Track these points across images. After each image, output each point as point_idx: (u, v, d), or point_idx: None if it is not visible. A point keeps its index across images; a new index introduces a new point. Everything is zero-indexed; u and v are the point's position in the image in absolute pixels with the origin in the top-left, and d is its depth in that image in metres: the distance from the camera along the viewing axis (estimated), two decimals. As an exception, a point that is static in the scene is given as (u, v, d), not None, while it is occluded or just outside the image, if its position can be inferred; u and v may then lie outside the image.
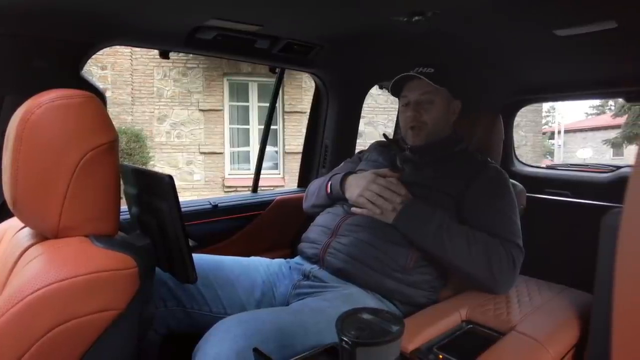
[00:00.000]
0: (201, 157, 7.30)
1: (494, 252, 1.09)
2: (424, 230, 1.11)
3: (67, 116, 0.66)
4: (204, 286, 1.08)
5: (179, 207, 0.74)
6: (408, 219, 1.14)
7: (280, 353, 0.83)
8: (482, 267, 1.09)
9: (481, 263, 1.09)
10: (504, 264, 1.09)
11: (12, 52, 1.10)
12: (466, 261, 1.09)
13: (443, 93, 1.28)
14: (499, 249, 1.10)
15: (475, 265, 1.09)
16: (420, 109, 1.28)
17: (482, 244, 1.10)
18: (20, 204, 0.66)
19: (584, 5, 1.11)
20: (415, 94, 1.29)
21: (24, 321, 0.57)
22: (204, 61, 7.11)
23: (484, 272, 1.09)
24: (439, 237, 1.10)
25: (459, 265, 1.11)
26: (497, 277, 1.10)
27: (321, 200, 1.36)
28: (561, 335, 0.99)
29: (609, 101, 21.46)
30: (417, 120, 1.28)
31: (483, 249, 1.09)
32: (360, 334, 0.57)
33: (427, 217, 1.13)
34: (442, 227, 1.11)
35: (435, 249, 1.11)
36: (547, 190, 2.07)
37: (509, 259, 1.10)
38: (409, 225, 1.13)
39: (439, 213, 1.14)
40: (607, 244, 0.81)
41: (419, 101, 1.28)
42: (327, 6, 1.16)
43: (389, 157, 1.36)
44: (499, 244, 1.10)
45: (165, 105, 7.13)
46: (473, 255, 1.09)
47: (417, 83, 1.28)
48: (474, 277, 1.11)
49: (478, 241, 1.10)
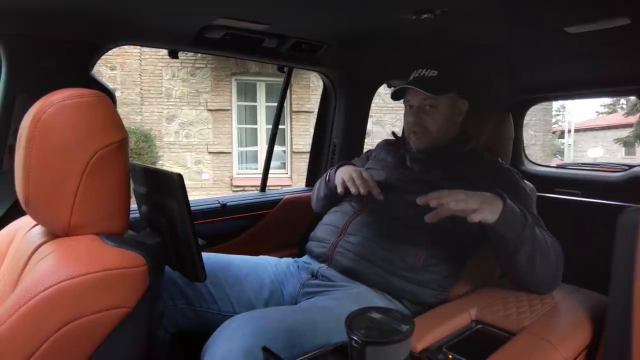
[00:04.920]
0: (209, 157, 7.33)
1: (558, 250, 1.04)
2: (523, 228, 0.98)
3: (78, 115, 0.66)
4: (212, 285, 1.09)
5: (188, 205, 0.74)
6: (510, 217, 0.98)
7: (289, 352, 0.83)
8: (555, 269, 1.04)
9: (555, 265, 1.03)
10: (561, 262, 1.05)
11: (22, 52, 1.11)
12: (546, 265, 1.01)
13: (447, 96, 1.25)
14: (557, 246, 1.05)
15: (551, 268, 1.03)
16: (422, 114, 1.25)
17: (553, 243, 1.03)
18: (32, 202, 0.67)
19: (596, 2, 1.09)
20: (418, 99, 1.26)
21: (36, 318, 0.57)
22: (212, 61, 7.14)
23: (554, 274, 1.04)
24: (532, 237, 0.99)
25: (540, 268, 1.01)
26: (559, 275, 1.05)
27: (322, 192, 1.38)
28: (573, 337, 0.98)
29: (620, 99, 21.20)
30: (419, 125, 1.25)
31: (556, 249, 1.03)
32: (370, 333, 0.57)
33: (521, 212, 1.00)
34: (532, 224, 1.00)
35: (526, 251, 0.99)
36: (558, 190, 2.04)
37: (562, 257, 1.06)
38: (511, 225, 0.98)
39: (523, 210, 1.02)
40: (625, 243, 0.80)
41: (422, 106, 1.25)
42: (334, 5, 1.16)
43: (398, 156, 1.35)
44: (554, 244, 1.05)
45: (174, 105, 7.17)
46: (551, 256, 1.01)
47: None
48: (544, 282, 1.05)
49: (550, 241, 1.03)
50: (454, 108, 1.28)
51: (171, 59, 1.46)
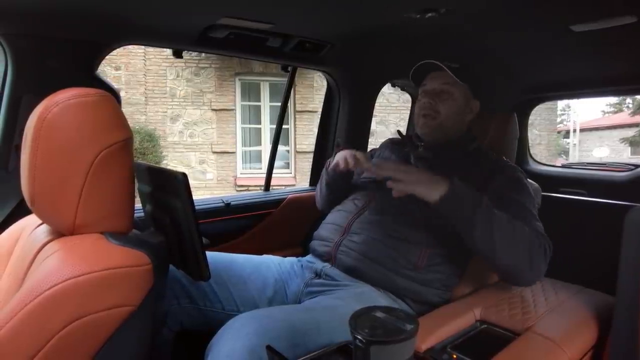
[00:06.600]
0: (213, 157, 7.34)
1: (534, 240, 1.03)
2: (473, 211, 1.00)
3: (83, 114, 0.66)
4: (216, 284, 1.09)
5: (192, 204, 0.75)
6: (456, 196, 1.01)
7: (293, 351, 0.83)
8: (524, 254, 1.02)
9: (524, 250, 1.02)
10: (540, 253, 1.03)
11: (28, 52, 1.12)
12: (510, 247, 1.01)
13: (463, 89, 1.26)
14: (537, 238, 1.04)
15: (518, 252, 1.01)
16: (437, 98, 1.26)
17: (522, 228, 1.03)
18: (38, 201, 0.68)
19: (603, 0, 1.08)
20: (436, 83, 1.26)
21: (41, 316, 0.57)
22: (216, 61, 7.16)
23: (524, 260, 1.02)
24: (487, 219, 0.99)
25: (501, 251, 1.01)
26: (535, 266, 1.03)
27: (323, 181, 1.41)
28: (579, 337, 0.97)
29: (626, 99, 21.04)
30: (431, 108, 1.25)
31: (526, 235, 1.03)
32: (374, 333, 0.57)
33: (474, 196, 1.02)
34: (489, 207, 1.01)
35: (482, 234, 1.00)
36: (563, 190, 2.03)
37: (544, 249, 1.04)
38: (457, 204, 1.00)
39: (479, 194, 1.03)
40: (632, 242, 0.79)
41: (438, 90, 1.26)
42: (338, 4, 1.16)
43: (402, 154, 1.35)
44: (534, 234, 1.05)
45: (178, 105, 7.19)
46: (517, 240, 1.01)
47: (439, 73, 1.26)
48: (513, 265, 1.03)
49: (519, 226, 1.03)
50: (467, 104, 1.29)
51: (175, 59, 1.47)
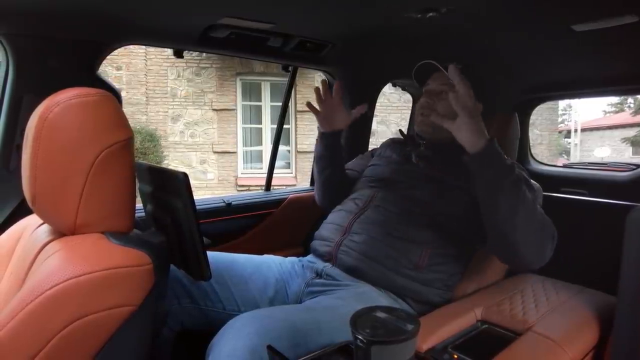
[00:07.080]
0: (214, 157, 7.35)
1: (547, 223, 1.02)
2: (504, 175, 0.96)
3: (84, 114, 0.67)
4: (217, 284, 1.09)
5: (193, 204, 0.75)
6: (494, 154, 0.97)
7: (294, 351, 0.82)
8: (536, 235, 1.00)
9: (537, 230, 1.00)
10: (549, 237, 1.02)
11: (29, 52, 1.12)
12: (527, 224, 0.97)
13: None
14: (549, 224, 1.03)
15: (532, 231, 0.99)
16: (436, 98, 1.26)
17: (540, 210, 1.01)
18: (39, 201, 0.68)
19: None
20: (437, 83, 1.27)
21: (42, 316, 0.58)
22: (216, 61, 7.16)
23: (535, 241, 1.00)
24: (515, 187, 0.96)
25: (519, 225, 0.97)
26: (542, 250, 1.01)
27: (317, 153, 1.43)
28: (580, 337, 0.97)
29: (627, 98, 21.00)
30: (429, 107, 1.26)
31: (542, 217, 1.01)
32: (375, 333, 0.57)
33: (507, 161, 0.99)
34: (519, 178, 0.98)
35: (506, 201, 0.96)
36: (564, 190, 2.03)
37: (552, 236, 1.03)
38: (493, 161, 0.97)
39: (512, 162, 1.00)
40: (633, 242, 0.79)
41: (438, 91, 1.26)
42: (339, 3, 1.16)
43: (404, 153, 1.35)
44: (546, 219, 1.03)
45: (179, 105, 7.19)
46: (535, 219, 0.98)
47: (440, 73, 1.25)
48: (524, 243, 0.99)
49: (538, 207, 1.02)
50: None
51: (176, 59, 1.48)
